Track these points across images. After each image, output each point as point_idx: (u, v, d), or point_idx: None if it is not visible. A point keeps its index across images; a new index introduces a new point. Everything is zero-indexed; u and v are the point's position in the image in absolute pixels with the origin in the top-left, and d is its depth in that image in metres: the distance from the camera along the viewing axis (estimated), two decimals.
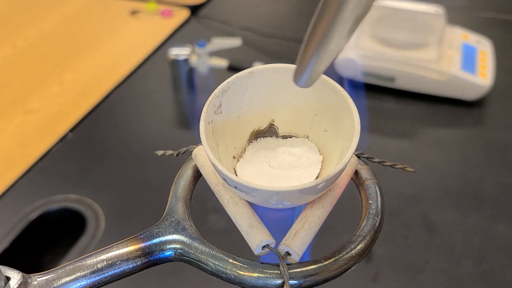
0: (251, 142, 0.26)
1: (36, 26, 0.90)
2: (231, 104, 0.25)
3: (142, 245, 0.23)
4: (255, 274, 0.21)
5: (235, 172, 0.25)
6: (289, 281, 0.21)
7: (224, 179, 0.23)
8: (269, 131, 0.27)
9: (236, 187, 0.22)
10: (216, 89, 0.24)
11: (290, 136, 0.27)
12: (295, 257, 0.22)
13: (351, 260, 0.22)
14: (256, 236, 0.22)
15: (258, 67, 0.25)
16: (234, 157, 0.26)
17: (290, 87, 0.25)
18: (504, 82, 0.73)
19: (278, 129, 0.27)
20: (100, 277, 0.22)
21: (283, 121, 0.27)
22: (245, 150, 0.26)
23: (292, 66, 0.25)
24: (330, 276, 0.22)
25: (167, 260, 0.23)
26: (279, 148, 0.26)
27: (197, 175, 0.26)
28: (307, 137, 0.27)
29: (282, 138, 0.27)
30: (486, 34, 0.77)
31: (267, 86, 0.25)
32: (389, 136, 0.66)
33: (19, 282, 0.21)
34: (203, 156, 0.26)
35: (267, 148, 0.26)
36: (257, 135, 0.27)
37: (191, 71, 0.72)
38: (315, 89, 0.25)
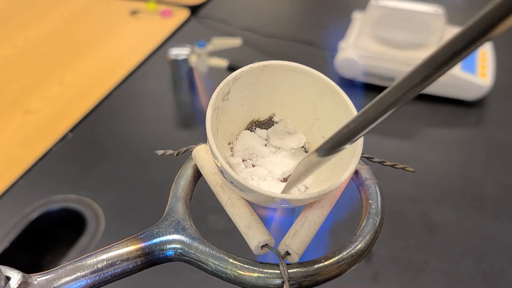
0: (248, 129, 0.27)
1: (36, 26, 0.90)
2: (239, 92, 0.25)
3: (142, 245, 0.23)
4: (255, 274, 0.21)
5: (231, 165, 0.25)
6: (289, 281, 0.21)
7: (221, 172, 0.22)
8: (268, 123, 0.27)
9: (231, 182, 0.22)
10: (228, 76, 0.24)
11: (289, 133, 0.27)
12: (295, 257, 0.22)
13: (351, 260, 0.22)
14: (254, 237, 0.22)
15: (273, 61, 0.25)
16: (229, 143, 0.26)
17: (297, 88, 0.25)
18: (504, 82, 0.73)
19: (276, 123, 0.27)
20: (100, 277, 0.22)
21: (283, 118, 0.27)
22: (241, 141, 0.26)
23: (309, 69, 0.25)
24: (330, 276, 0.22)
25: (167, 260, 0.23)
26: (279, 148, 0.26)
27: (197, 175, 0.26)
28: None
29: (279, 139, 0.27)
30: None
31: (277, 82, 0.25)
32: (389, 136, 0.66)
33: (19, 282, 0.21)
34: (203, 156, 0.26)
35: (265, 146, 0.26)
36: (255, 124, 0.27)
37: (191, 71, 0.72)
38: (322, 95, 0.25)
